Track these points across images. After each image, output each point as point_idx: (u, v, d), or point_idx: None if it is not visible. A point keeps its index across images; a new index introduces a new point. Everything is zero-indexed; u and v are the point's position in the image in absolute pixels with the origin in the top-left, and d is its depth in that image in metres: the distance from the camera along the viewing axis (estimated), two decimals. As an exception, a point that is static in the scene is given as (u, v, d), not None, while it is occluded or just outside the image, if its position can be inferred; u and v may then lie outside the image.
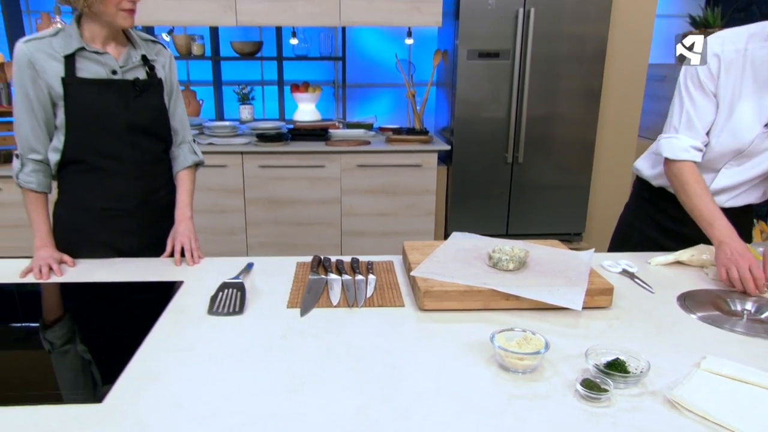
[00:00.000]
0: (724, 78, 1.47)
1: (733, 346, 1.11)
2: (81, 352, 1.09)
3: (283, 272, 1.46)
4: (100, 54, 1.44)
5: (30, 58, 1.39)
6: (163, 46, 1.60)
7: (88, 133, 1.46)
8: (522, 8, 3.20)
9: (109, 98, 1.45)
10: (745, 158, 1.54)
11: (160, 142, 1.59)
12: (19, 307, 1.33)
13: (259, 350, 1.08)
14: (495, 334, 1.03)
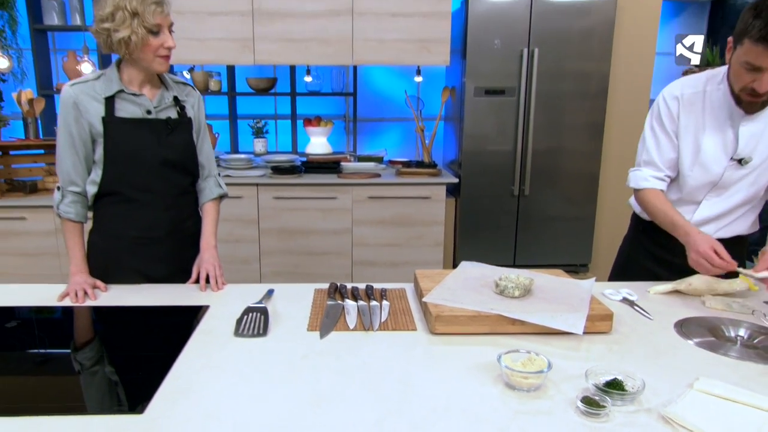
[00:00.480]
0: (685, 117, 1.61)
1: (725, 369, 1.19)
2: (121, 370, 1.18)
3: (301, 298, 1.56)
4: (136, 96, 1.57)
5: (75, 100, 1.52)
6: (192, 87, 1.74)
7: (124, 168, 1.58)
8: (526, 48, 3.35)
9: (144, 136, 1.58)
10: (722, 189, 1.65)
11: (188, 176, 1.71)
12: (59, 328, 1.43)
13: (282, 369, 1.16)
14: (501, 355, 1.12)
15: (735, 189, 1.64)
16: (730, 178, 1.62)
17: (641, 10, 3.58)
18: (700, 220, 1.70)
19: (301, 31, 3.31)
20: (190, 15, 3.26)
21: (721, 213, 1.68)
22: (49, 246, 3.21)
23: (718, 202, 1.67)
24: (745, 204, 1.67)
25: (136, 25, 1.45)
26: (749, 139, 1.56)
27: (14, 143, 3.28)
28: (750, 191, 1.64)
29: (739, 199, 1.65)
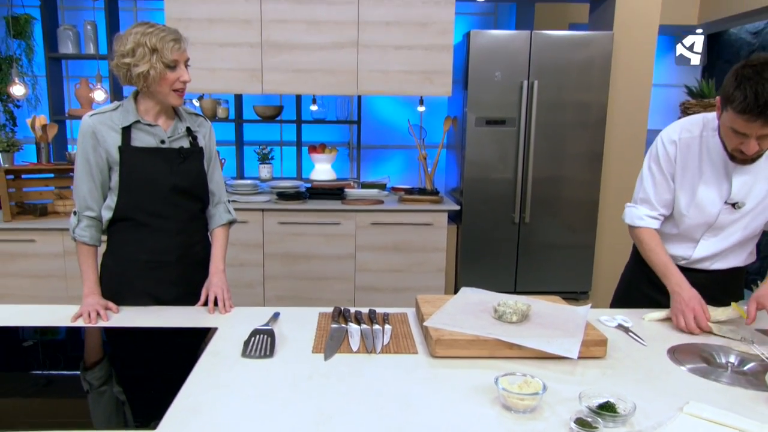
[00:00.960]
0: (682, 161, 1.68)
1: (715, 394, 1.23)
2: (131, 389, 1.23)
3: (307, 321, 1.61)
4: (151, 126, 1.65)
5: (93, 129, 1.60)
6: (204, 118, 1.82)
7: (138, 194, 1.65)
8: (526, 80, 3.45)
9: (157, 164, 1.65)
10: (718, 230, 1.71)
11: (199, 202, 1.78)
12: (72, 349, 1.48)
13: (288, 389, 1.21)
14: (499, 378, 1.16)
15: (731, 230, 1.70)
16: (725, 220, 1.68)
17: (637, 44, 3.69)
18: (698, 258, 1.76)
19: (307, 62, 3.42)
20: (201, 46, 3.37)
21: (718, 252, 1.74)
22: (57, 268, 3.27)
23: (716, 242, 1.73)
24: (741, 243, 1.73)
25: (155, 60, 1.53)
26: (742, 185, 1.63)
27: (26, 167, 3.37)
28: (745, 233, 1.70)
29: (735, 239, 1.71)
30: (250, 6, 3.34)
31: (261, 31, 3.38)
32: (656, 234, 1.76)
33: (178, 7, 3.33)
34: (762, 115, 1.36)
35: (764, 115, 1.36)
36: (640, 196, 1.79)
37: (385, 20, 3.40)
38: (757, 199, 1.64)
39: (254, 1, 3.34)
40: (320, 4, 3.36)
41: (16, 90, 3.52)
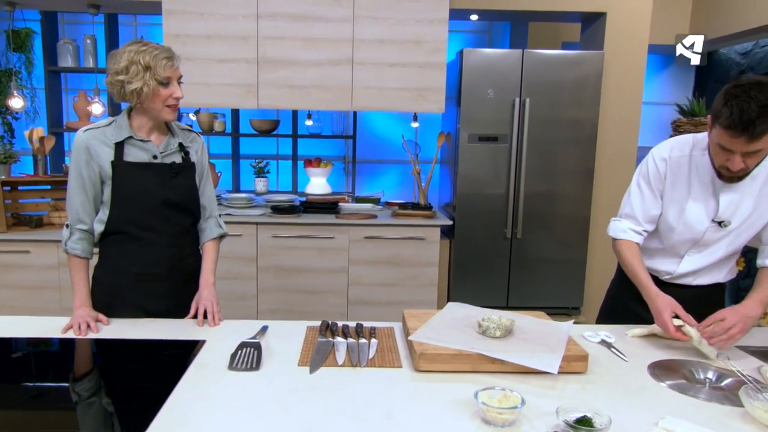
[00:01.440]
0: (672, 178, 1.71)
1: (691, 409, 1.26)
2: (118, 400, 1.25)
3: (294, 335, 1.63)
4: (144, 142, 1.69)
5: (87, 144, 1.64)
6: (197, 134, 1.86)
7: (129, 208, 1.68)
8: (518, 98, 3.51)
9: (149, 179, 1.68)
10: (703, 246, 1.75)
11: (190, 216, 1.80)
12: (61, 360, 1.50)
13: (273, 401, 1.23)
14: (478, 392, 1.19)
15: (716, 247, 1.74)
16: (711, 237, 1.72)
17: (627, 63, 3.76)
18: (682, 273, 1.80)
19: (303, 78, 3.48)
20: (199, 62, 3.43)
21: (702, 267, 1.77)
22: (51, 280, 3.29)
23: (700, 258, 1.76)
24: (723, 259, 1.77)
25: (148, 77, 1.57)
26: (728, 204, 1.66)
27: (23, 179, 3.40)
28: (729, 249, 1.74)
29: (719, 256, 1.75)
30: (247, 23, 3.40)
31: (257, 48, 3.44)
32: (636, 247, 1.79)
33: (177, 23, 3.39)
34: (745, 131, 1.41)
35: (747, 132, 1.41)
36: (625, 211, 1.83)
37: (380, 38, 3.46)
38: (742, 217, 1.67)
39: (251, 18, 3.40)
40: (316, 22, 3.42)
41: (15, 102, 3.56)
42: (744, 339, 1.69)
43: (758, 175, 1.64)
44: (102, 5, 3.69)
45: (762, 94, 1.39)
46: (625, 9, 3.70)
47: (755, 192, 1.65)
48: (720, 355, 1.49)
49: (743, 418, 1.21)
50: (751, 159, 1.50)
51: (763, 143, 1.44)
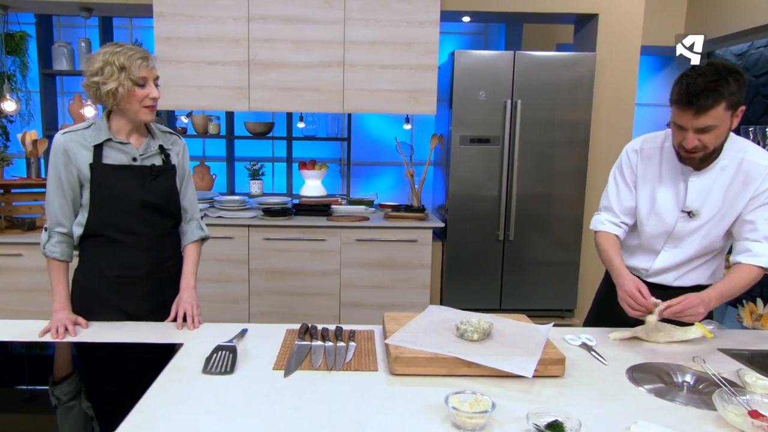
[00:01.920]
0: (643, 169, 1.76)
1: (666, 413, 1.24)
2: (88, 404, 1.25)
3: (273, 338, 1.62)
4: (123, 144, 1.69)
5: (65, 147, 1.64)
6: (178, 136, 1.85)
7: (108, 211, 1.68)
8: (510, 99, 3.50)
9: (128, 181, 1.68)
10: (677, 240, 1.75)
11: (170, 219, 1.80)
12: (38, 363, 1.50)
13: (244, 406, 1.23)
14: (449, 396, 1.18)
15: (689, 241, 1.74)
16: (683, 229, 1.72)
17: (620, 64, 3.74)
18: (659, 269, 1.80)
19: (294, 80, 3.48)
20: (190, 64, 3.43)
21: (678, 263, 1.77)
22: (43, 282, 3.25)
23: (675, 253, 1.77)
24: (700, 256, 1.77)
25: (123, 78, 1.57)
26: (697, 194, 1.68)
27: (15, 182, 3.41)
28: (703, 243, 1.73)
29: (693, 250, 1.75)
30: (239, 25, 3.41)
31: (248, 50, 3.44)
32: (613, 237, 1.83)
33: (168, 26, 3.39)
34: (690, 104, 1.48)
35: (692, 105, 1.48)
36: (603, 204, 1.89)
37: (371, 40, 3.45)
38: (712, 210, 1.68)
39: (242, 21, 3.40)
40: (307, 24, 3.42)
41: (7, 105, 3.57)
42: (726, 341, 1.68)
43: (728, 167, 1.65)
44: (94, 8, 3.70)
45: (710, 73, 1.47)
46: (618, 10, 3.69)
47: (724, 185, 1.66)
48: (696, 358, 1.48)
49: (717, 421, 1.20)
50: (705, 136, 1.53)
51: (710, 118, 1.49)
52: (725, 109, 1.49)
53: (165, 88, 3.46)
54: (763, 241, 1.64)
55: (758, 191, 1.62)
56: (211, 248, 3.45)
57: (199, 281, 3.37)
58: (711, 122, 1.50)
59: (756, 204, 1.63)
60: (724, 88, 1.47)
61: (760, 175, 1.62)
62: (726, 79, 1.47)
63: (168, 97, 3.48)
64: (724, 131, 1.56)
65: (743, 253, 1.66)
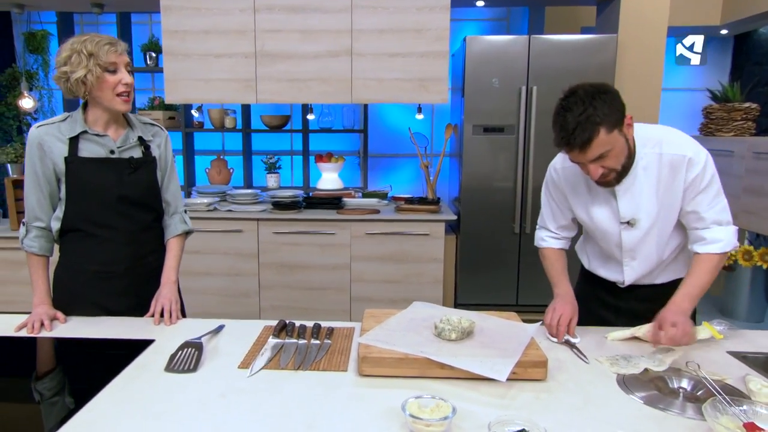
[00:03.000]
0: (570, 188, 1.67)
1: (652, 423, 1.13)
2: (47, 400, 1.22)
3: (249, 335, 1.57)
4: (100, 136, 1.65)
5: (39, 141, 1.61)
6: (160, 128, 1.81)
7: (85, 205, 1.65)
8: (524, 86, 3.35)
9: (105, 174, 1.64)
10: (632, 252, 1.65)
11: (151, 212, 1.76)
12: (10, 353, 1.49)
13: (196, 406, 1.17)
14: (407, 402, 1.09)
15: (644, 251, 1.64)
16: (631, 239, 1.63)
17: (644, 46, 3.53)
18: (631, 281, 1.71)
19: (302, 71, 3.42)
20: (197, 57, 3.41)
21: (646, 272, 1.68)
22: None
23: (638, 266, 1.68)
24: (663, 261, 1.67)
25: (92, 64, 1.53)
26: (629, 202, 1.59)
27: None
28: (660, 250, 1.64)
29: (653, 258, 1.65)
30: (245, 16, 3.37)
31: (255, 42, 3.40)
32: (556, 251, 1.79)
33: (175, 19, 3.38)
34: (571, 144, 1.40)
35: (573, 144, 1.40)
36: (540, 222, 1.85)
37: (379, 28, 3.36)
38: (651, 216, 1.58)
39: (248, 12, 3.36)
40: (314, 13, 3.35)
41: (25, 103, 3.64)
42: (737, 343, 1.54)
43: (648, 166, 1.54)
44: (105, 4, 3.73)
45: (576, 106, 1.37)
46: (642, -11, 3.48)
47: (653, 185, 1.55)
48: (690, 363, 1.34)
49: (708, 434, 1.07)
50: (605, 161, 1.45)
51: (598, 147, 1.40)
52: (607, 133, 1.39)
53: (173, 81, 3.47)
54: (712, 227, 1.54)
55: (688, 181, 1.51)
56: (221, 242, 3.45)
57: (207, 275, 3.38)
58: (600, 150, 1.41)
59: (692, 194, 1.53)
60: (595, 116, 1.37)
61: (682, 165, 1.51)
62: (593, 106, 1.37)
63: (176, 91, 3.47)
64: (621, 149, 1.45)
65: (698, 242, 1.56)
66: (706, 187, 1.52)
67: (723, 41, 4.92)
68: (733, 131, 4.13)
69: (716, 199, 1.54)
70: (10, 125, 4.24)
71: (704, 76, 4.97)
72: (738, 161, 3.78)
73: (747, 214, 3.69)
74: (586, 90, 1.40)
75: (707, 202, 1.53)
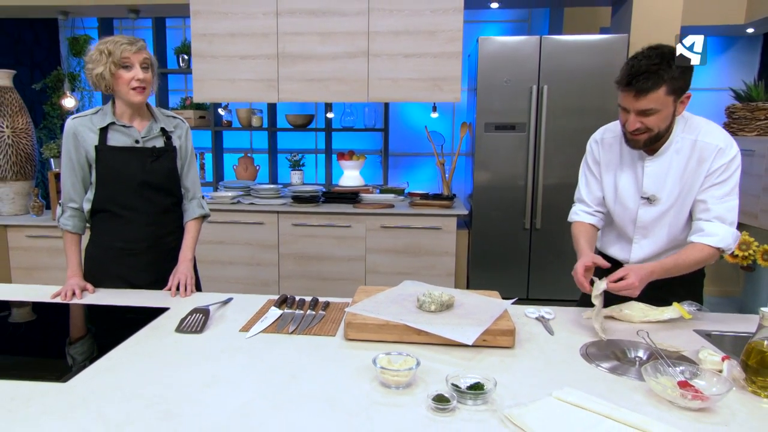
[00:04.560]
0: (606, 158, 1.76)
1: (600, 382, 1.24)
2: (78, 353, 1.41)
3: (253, 306, 1.74)
4: (127, 127, 1.86)
5: (74, 131, 1.83)
6: (181, 120, 2.00)
7: (112, 189, 1.85)
8: (536, 85, 3.45)
9: (130, 161, 1.85)
10: (644, 229, 1.73)
11: (170, 197, 1.96)
12: (48, 315, 1.70)
13: (198, 358, 1.35)
14: (378, 356, 1.24)
15: (657, 231, 1.72)
16: (646, 216, 1.71)
17: (657, 47, 3.57)
18: (636, 261, 1.78)
19: (320, 71, 3.60)
20: (223, 59, 3.64)
21: (652, 254, 1.75)
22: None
23: (647, 244, 1.75)
24: (674, 246, 1.73)
25: (109, 61, 1.74)
26: (654, 178, 1.67)
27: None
28: (671, 233, 1.71)
29: (664, 241, 1.72)
30: (268, 20, 3.57)
31: (277, 44, 3.60)
32: (587, 225, 1.83)
33: (203, 23, 3.61)
34: (630, 85, 1.50)
35: (632, 86, 1.49)
36: (576, 196, 1.91)
37: (395, 30, 3.51)
38: (672, 195, 1.66)
39: (271, 15, 3.57)
40: (332, 16, 3.53)
41: (67, 102, 3.93)
42: (705, 324, 1.63)
43: (681, 149, 1.63)
44: (141, 10, 3.99)
45: (655, 56, 1.47)
46: (654, -11, 3.53)
47: (680, 169, 1.63)
48: (640, 332, 1.45)
49: (648, 393, 1.18)
50: (647, 119, 1.53)
51: (650, 101, 1.49)
52: (666, 94, 1.49)
53: (201, 81, 3.70)
54: (714, 221, 1.60)
55: (710, 170, 1.59)
56: (243, 233, 3.66)
57: (230, 264, 3.59)
58: (651, 105, 1.50)
59: (709, 183, 1.60)
60: (665, 72, 1.46)
61: (711, 153, 1.59)
62: (668, 63, 1.47)
63: (203, 90, 3.70)
64: (667, 115, 1.54)
65: (697, 232, 1.63)
66: (724, 180, 1.59)
67: (750, 40, 4.88)
68: (756, 131, 4.12)
69: (729, 196, 1.60)
70: (55, 123, 4.57)
71: (729, 76, 4.93)
72: (759, 160, 3.79)
73: (767, 213, 3.70)
74: (670, 50, 1.50)
75: (719, 196, 1.59)
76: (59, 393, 1.16)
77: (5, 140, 3.59)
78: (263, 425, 1.05)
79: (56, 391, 1.17)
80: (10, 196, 3.73)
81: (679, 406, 1.12)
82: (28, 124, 3.73)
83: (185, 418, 1.07)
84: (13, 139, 3.62)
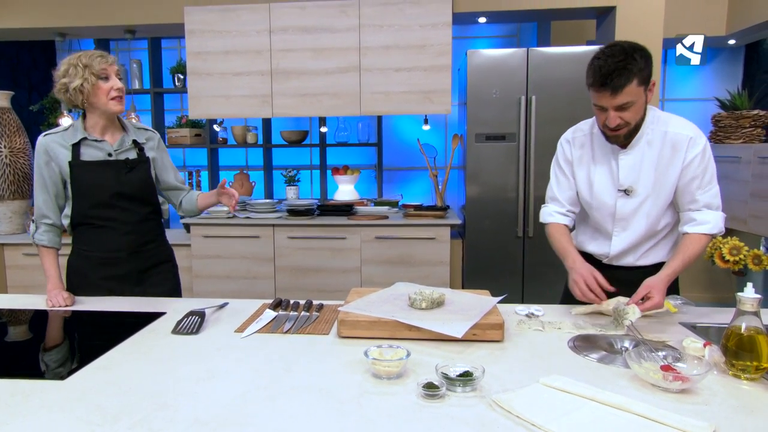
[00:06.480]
0: (578, 156, 1.81)
1: (586, 370, 1.27)
2: (74, 352, 1.44)
3: (248, 310, 1.77)
4: (99, 141, 1.90)
5: (46, 148, 1.87)
6: (152, 131, 2.05)
7: (88, 201, 1.89)
8: (524, 96, 3.52)
9: (105, 174, 1.88)
10: (624, 221, 1.77)
11: (147, 206, 1.99)
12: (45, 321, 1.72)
13: (194, 357, 1.37)
14: (370, 348, 1.27)
15: (635, 222, 1.76)
16: (624, 208, 1.75)
17: (642, 57, 3.66)
18: (617, 253, 1.82)
19: (313, 86, 3.67)
20: (218, 76, 3.71)
21: (632, 245, 1.80)
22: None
23: (626, 237, 1.79)
24: (653, 235, 1.78)
25: (87, 74, 1.79)
26: (629, 170, 1.72)
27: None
28: (649, 222, 1.75)
29: (643, 231, 1.77)
30: (261, 38, 3.65)
31: (270, 60, 3.67)
32: (562, 226, 1.87)
33: (198, 41, 3.69)
34: (605, 85, 1.55)
35: (607, 86, 1.55)
36: (549, 195, 1.94)
37: (385, 44, 3.60)
38: (647, 186, 1.71)
39: (264, 33, 3.65)
40: (324, 33, 3.62)
41: (64, 122, 3.98)
42: (691, 317, 1.67)
43: (653, 141, 1.68)
44: (137, 30, 4.07)
45: (618, 54, 1.54)
46: (636, 2, 3.63)
47: (654, 159, 1.69)
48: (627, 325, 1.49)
49: (633, 378, 1.22)
50: (625, 113, 1.59)
51: (626, 96, 1.55)
52: (637, 85, 1.55)
53: (196, 98, 3.76)
54: (704, 210, 1.67)
55: (686, 161, 1.65)
56: (239, 247, 3.69)
57: (227, 278, 3.62)
58: (628, 99, 1.56)
59: (689, 175, 1.66)
60: (632, 65, 1.53)
61: (684, 144, 1.65)
62: (633, 57, 1.54)
63: (199, 107, 3.77)
64: (641, 106, 1.62)
65: (689, 223, 1.69)
66: (704, 170, 1.66)
67: (733, 51, 5.00)
68: (741, 138, 4.20)
69: (710, 184, 1.68)
70: (52, 144, 4.62)
71: (714, 86, 5.04)
72: (745, 167, 3.85)
73: (755, 218, 3.75)
74: (629, 44, 1.57)
75: (702, 185, 1.67)
76: (58, 389, 1.19)
77: (3, 160, 3.64)
78: (257, 415, 1.08)
79: (55, 388, 1.19)
80: (8, 215, 3.76)
81: (662, 389, 1.15)
82: (25, 144, 3.78)
83: (181, 408, 1.10)
84: (10, 159, 3.67)
